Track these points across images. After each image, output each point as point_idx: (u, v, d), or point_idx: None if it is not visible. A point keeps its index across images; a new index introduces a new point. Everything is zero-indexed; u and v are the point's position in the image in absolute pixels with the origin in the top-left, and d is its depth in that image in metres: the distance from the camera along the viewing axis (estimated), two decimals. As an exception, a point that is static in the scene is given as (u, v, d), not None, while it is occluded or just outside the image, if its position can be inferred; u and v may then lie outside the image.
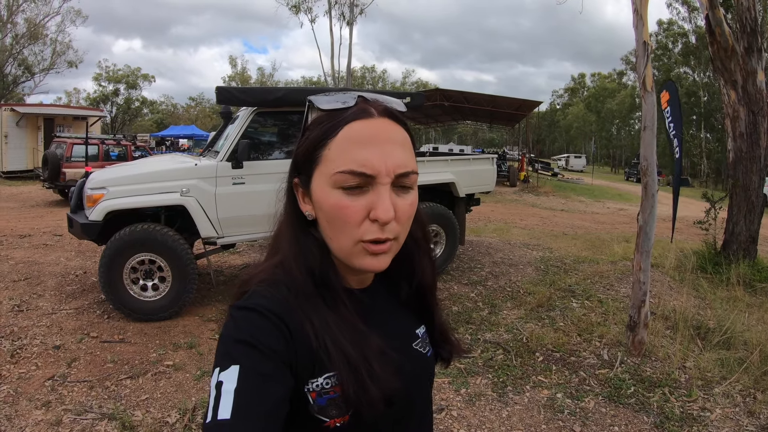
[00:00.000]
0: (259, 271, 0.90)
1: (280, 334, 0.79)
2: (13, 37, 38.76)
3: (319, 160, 0.84)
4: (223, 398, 0.72)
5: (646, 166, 4.57)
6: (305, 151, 0.86)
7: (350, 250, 0.84)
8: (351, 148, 0.81)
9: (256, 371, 0.74)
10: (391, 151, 0.82)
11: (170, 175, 5.59)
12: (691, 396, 3.86)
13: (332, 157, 0.82)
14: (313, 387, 0.82)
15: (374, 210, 0.81)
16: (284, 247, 0.90)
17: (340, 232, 0.83)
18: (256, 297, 0.83)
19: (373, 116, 0.84)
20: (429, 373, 1.03)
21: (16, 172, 21.73)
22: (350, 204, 0.81)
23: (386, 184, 0.81)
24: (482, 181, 7.87)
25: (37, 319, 5.27)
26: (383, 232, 0.82)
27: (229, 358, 0.75)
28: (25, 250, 8.18)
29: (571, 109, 77.45)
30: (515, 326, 5.29)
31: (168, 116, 64.70)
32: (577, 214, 18.31)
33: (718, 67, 7.33)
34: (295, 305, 0.83)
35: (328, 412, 0.82)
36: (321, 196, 0.84)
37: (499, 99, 25.95)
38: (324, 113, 0.86)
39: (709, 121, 45.93)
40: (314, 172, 0.85)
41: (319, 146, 0.84)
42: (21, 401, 3.75)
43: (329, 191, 0.82)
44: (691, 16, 44.15)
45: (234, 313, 0.82)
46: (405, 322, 1.01)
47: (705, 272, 7.15)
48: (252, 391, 0.72)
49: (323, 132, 0.84)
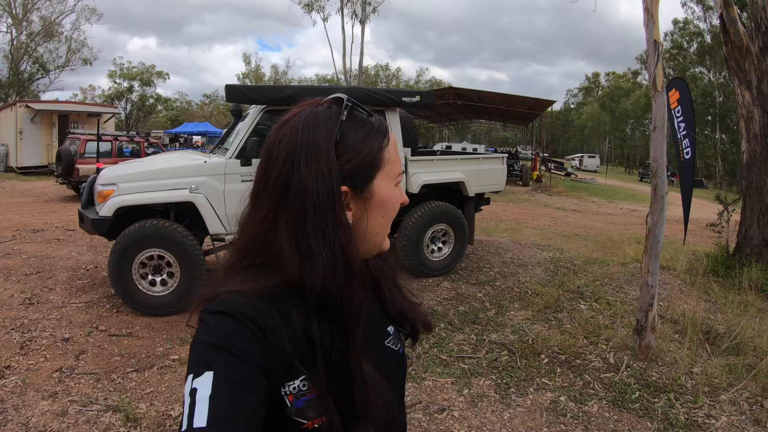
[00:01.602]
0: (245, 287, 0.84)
1: (255, 338, 0.78)
2: (28, 35, 39.11)
3: (383, 163, 0.92)
4: (198, 405, 0.71)
5: (656, 167, 4.53)
6: (365, 156, 0.89)
7: (386, 235, 0.96)
8: (397, 151, 0.95)
9: (231, 377, 0.74)
10: None
11: (179, 172, 5.64)
12: (696, 402, 3.81)
13: (393, 158, 0.93)
14: (289, 390, 0.81)
15: (403, 197, 0.98)
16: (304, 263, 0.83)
17: (390, 221, 0.96)
18: (229, 302, 0.81)
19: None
20: (402, 370, 1.06)
21: (31, 168, 22.00)
22: (401, 194, 0.97)
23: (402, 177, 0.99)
24: (492, 181, 7.83)
25: (48, 312, 5.33)
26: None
27: (203, 365, 0.75)
28: (37, 244, 8.27)
29: (585, 108, 76.98)
30: (522, 327, 5.26)
31: (182, 113, 65.10)
32: (589, 214, 18.20)
33: (732, 67, 7.24)
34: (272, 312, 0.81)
35: (306, 414, 0.82)
36: (388, 193, 0.93)
37: (513, 98, 25.84)
38: (365, 118, 0.92)
39: (725, 121, 45.42)
40: (377, 175, 0.91)
41: (381, 150, 0.91)
42: (28, 392, 3.80)
43: (394, 188, 0.95)
44: (706, 15, 43.63)
45: (206, 318, 0.80)
46: (377, 318, 1.02)
47: (717, 276, 7.05)
48: (228, 398, 0.72)
49: (380, 137, 0.92)
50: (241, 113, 6.67)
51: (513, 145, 64.07)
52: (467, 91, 26.17)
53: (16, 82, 38.84)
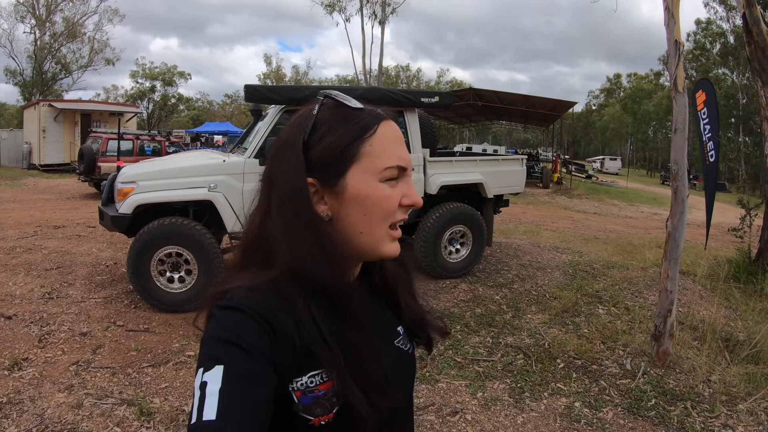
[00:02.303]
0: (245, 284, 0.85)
1: (265, 334, 0.78)
2: (52, 36, 39.68)
3: (359, 156, 0.88)
4: (208, 399, 0.72)
5: (676, 170, 4.46)
6: (332, 149, 0.88)
7: (382, 237, 0.90)
8: (390, 146, 0.90)
9: (240, 371, 0.74)
10: (405, 149, 0.94)
11: (199, 171, 5.69)
12: (713, 411, 3.74)
13: (376, 152, 0.88)
14: (297, 386, 0.82)
15: (408, 197, 0.91)
16: (292, 254, 0.85)
17: (378, 222, 0.89)
18: (238, 297, 0.82)
19: (390, 119, 0.93)
20: (410, 371, 1.05)
21: (54, 166, 22.41)
22: (392, 193, 0.90)
23: (410, 175, 0.94)
24: (511, 182, 7.79)
25: (66, 307, 5.41)
26: (405, 214, 0.93)
27: (213, 359, 0.75)
28: (58, 240, 8.39)
29: (606, 110, 76.10)
30: (538, 331, 5.22)
31: (204, 113, 65.64)
32: (610, 217, 18.04)
33: (755, 68, 7.09)
34: (281, 308, 0.82)
35: (313, 411, 0.82)
36: (365, 190, 0.88)
37: (534, 99, 25.66)
38: (342, 111, 0.90)
39: (748, 124, 44.57)
40: (350, 168, 0.88)
41: (356, 143, 0.88)
42: (45, 384, 3.86)
43: (376, 185, 0.88)
44: (728, 15, 42.86)
45: (216, 312, 0.81)
46: (387, 318, 1.02)
47: (738, 282, 6.91)
48: (237, 392, 0.72)
49: (358, 130, 0.89)
50: (261, 113, 6.70)
51: (534, 146, 63.55)
52: (487, 92, 26.05)
53: (39, 81, 39.42)
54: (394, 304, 1.03)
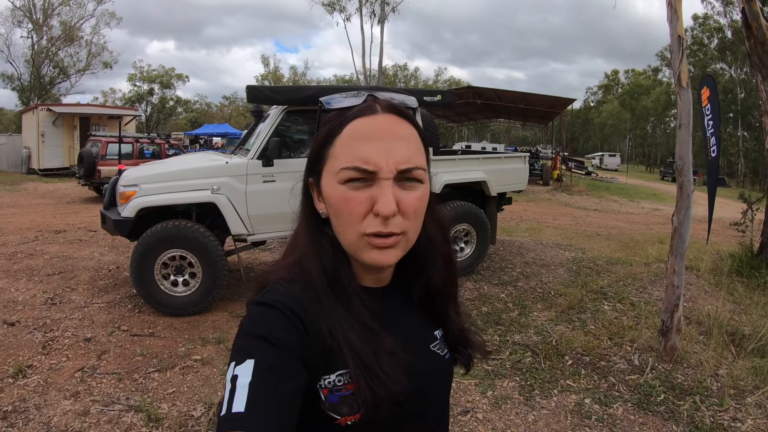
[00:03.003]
0: (278, 269, 0.92)
1: (295, 330, 0.80)
2: (49, 40, 39.63)
3: (327, 157, 0.87)
4: (238, 392, 0.73)
5: (681, 165, 4.45)
6: (314, 151, 0.90)
7: (357, 244, 0.85)
8: (353, 145, 0.84)
9: (270, 366, 0.75)
10: (394, 147, 0.84)
11: (201, 173, 5.66)
12: (722, 405, 3.74)
13: (337, 153, 0.85)
14: (325, 384, 0.83)
15: (376, 204, 0.82)
16: (301, 246, 0.92)
17: (347, 226, 0.85)
18: (273, 293, 0.85)
19: (377, 113, 0.86)
20: (446, 376, 1.02)
21: (53, 170, 22.37)
22: (354, 197, 0.83)
23: (388, 179, 0.82)
24: (514, 180, 7.78)
25: (70, 312, 5.38)
26: (386, 226, 0.83)
27: (245, 353, 0.77)
28: (60, 245, 8.37)
29: (605, 106, 76.04)
30: (545, 328, 5.21)
31: (202, 115, 65.57)
32: (610, 214, 18.02)
33: (755, 62, 7.08)
34: (309, 302, 0.84)
35: (340, 410, 0.83)
36: (329, 191, 0.86)
37: (532, 96, 25.69)
38: (332, 113, 0.89)
39: (746, 118, 44.70)
40: (323, 170, 0.88)
41: (326, 144, 0.87)
42: (50, 391, 3.83)
43: (336, 186, 0.84)
44: (726, 10, 42.88)
45: (251, 308, 0.84)
46: (422, 323, 1.00)
47: (741, 276, 6.92)
48: (266, 385, 0.74)
49: (330, 130, 0.87)
50: (262, 114, 6.68)
51: (532, 144, 63.54)
52: (486, 90, 26.06)
53: (37, 86, 39.39)
54: (438, 314, 1.02)
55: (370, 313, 0.87)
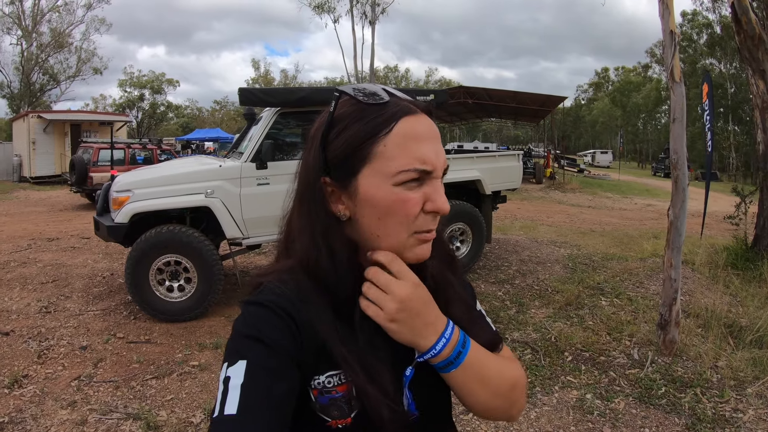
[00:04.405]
0: (272, 271, 0.89)
1: (288, 330, 0.79)
2: (39, 46, 39.42)
3: (372, 156, 0.82)
4: (230, 393, 0.73)
5: (676, 160, 4.45)
6: (345, 148, 0.83)
7: (405, 243, 0.84)
8: (410, 145, 0.81)
9: (262, 366, 0.75)
10: (439, 148, 0.85)
11: (195, 177, 5.62)
12: (723, 397, 3.74)
13: (391, 154, 0.81)
14: (315, 384, 0.82)
15: (433, 202, 0.83)
16: (302, 250, 0.86)
17: (398, 226, 0.83)
18: (266, 293, 0.84)
19: (419, 113, 0.85)
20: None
21: (45, 177, 22.22)
22: (411, 198, 0.81)
23: (439, 178, 0.85)
24: (508, 178, 7.79)
25: (65, 320, 5.34)
26: (435, 222, 0.85)
27: (237, 353, 0.77)
28: (53, 252, 8.31)
29: (596, 104, 76.37)
30: (543, 325, 5.21)
31: (193, 120, 65.51)
32: (604, 210, 18.08)
33: (745, 56, 7.13)
34: (303, 302, 0.82)
35: (330, 412, 0.82)
36: (377, 193, 0.82)
37: (523, 95, 25.73)
38: (358, 107, 0.84)
39: (737, 113, 44.93)
40: (363, 169, 0.82)
41: (369, 143, 0.82)
42: (47, 401, 3.79)
43: (390, 188, 0.81)
44: (715, 6, 43.11)
45: (243, 308, 0.83)
46: None
47: (736, 269, 6.96)
48: (258, 387, 0.73)
49: (372, 127, 0.82)
50: (255, 117, 6.66)
51: (524, 142, 63.72)
52: (478, 89, 26.08)
53: (27, 93, 39.13)
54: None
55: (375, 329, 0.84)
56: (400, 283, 0.84)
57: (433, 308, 0.87)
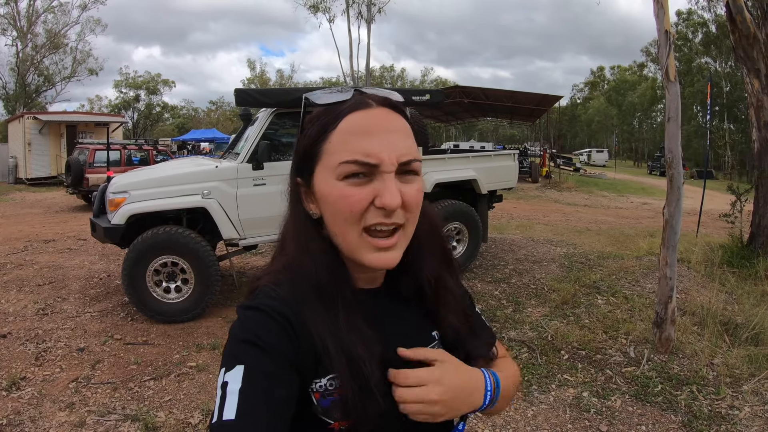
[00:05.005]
0: (268, 273, 0.89)
1: (285, 334, 0.79)
2: (34, 47, 39.30)
3: (321, 154, 0.84)
4: (228, 399, 0.72)
5: (671, 158, 4.47)
6: (305, 149, 0.86)
7: (357, 243, 0.82)
8: (352, 139, 0.81)
9: (260, 371, 0.75)
10: (393, 140, 0.82)
11: (191, 178, 5.62)
12: (719, 394, 3.77)
13: (334, 149, 0.82)
14: (316, 387, 0.81)
15: (380, 197, 0.80)
16: (290, 249, 0.89)
17: (346, 224, 0.82)
18: (262, 297, 0.83)
19: (371, 106, 0.84)
20: None
21: (40, 179, 22.13)
22: (355, 192, 0.80)
23: (391, 172, 0.81)
24: (504, 178, 7.81)
25: (62, 322, 5.34)
26: (389, 217, 0.81)
27: (234, 358, 0.76)
28: (49, 254, 8.30)
29: (591, 103, 76.44)
30: (540, 324, 5.22)
31: (189, 120, 65.33)
32: (600, 209, 18.11)
33: (740, 55, 7.16)
34: (299, 305, 0.82)
35: (332, 414, 0.81)
36: (325, 189, 0.83)
37: (519, 95, 25.77)
38: (321, 109, 0.86)
39: (732, 111, 45.08)
40: (316, 168, 0.85)
41: (319, 141, 0.84)
42: (45, 403, 3.79)
43: (334, 183, 0.81)
44: (710, 5, 43.33)
45: (240, 313, 0.83)
46: (419, 323, 0.96)
47: (732, 267, 6.98)
48: (256, 392, 0.73)
49: (322, 126, 0.84)
50: (251, 117, 6.66)
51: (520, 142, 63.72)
52: (474, 89, 26.10)
53: (22, 94, 39.00)
54: (432, 314, 0.97)
55: (364, 318, 0.84)
56: (428, 369, 0.84)
57: (465, 370, 0.89)
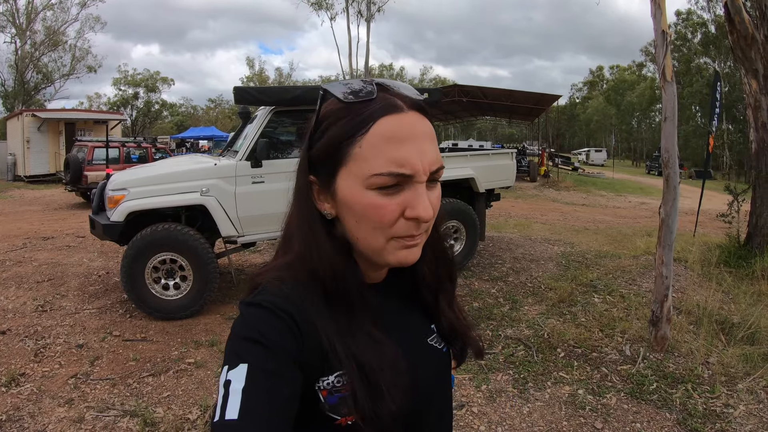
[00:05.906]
0: (270, 269, 0.87)
1: (289, 331, 0.77)
2: (33, 45, 39.24)
3: (347, 158, 0.79)
4: (231, 397, 0.71)
5: (667, 158, 4.50)
6: (326, 149, 0.81)
7: (383, 247, 0.81)
8: (386, 147, 0.77)
9: (263, 370, 0.73)
10: (425, 148, 0.79)
11: (190, 176, 5.63)
12: (714, 392, 3.79)
13: (365, 156, 0.77)
14: (323, 385, 0.80)
15: (412, 209, 0.78)
16: (296, 247, 0.86)
17: (374, 231, 0.80)
18: (265, 293, 0.81)
19: (403, 110, 0.79)
20: (445, 369, 0.99)
21: (39, 176, 22.11)
22: (386, 203, 0.78)
23: (423, 182, 0.79)
24: (502, 176, 7.82)
25: (61, 319, 5.35)
26: (419, 228, 0.80)
27: (237, 357, 0.74)
28: (48, 251, 8.31)
29: (590, 102, 76.54)
30: (536, 322, 5.25)
31: (188, 118, 65.33)
32: (598, 208, 18.14)
33: (738, 56, 7.19)
34: (303, 302, 0.81)
35: (339, 411, 0.80)
36: (351, 196, 0.79)
37: (518, 94, 25.76)
38: (341, 105, 0.80)
39: (731, 111, 45.08)
40: (339, 171, 0.80)
41: (346, 143, 0.79)
42: (44, 399, 3.81)
43: (363, 192, 0.78)
44: (709, 5, 43.39)
45: (242, 309, 0.81)
46: (419, 316, 0.97)
47: (729, 266, 7.00)
48: (260, 391, 0.71)
49: (350, 128, 0.79)
50: (249, 115, 6.67)
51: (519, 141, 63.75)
52: (472, 88, 26.08)
53: (21, 91, 38.93)
54: (430, 307, 0.98)
55: (373, 318, 0.84)
56: None
57: None
